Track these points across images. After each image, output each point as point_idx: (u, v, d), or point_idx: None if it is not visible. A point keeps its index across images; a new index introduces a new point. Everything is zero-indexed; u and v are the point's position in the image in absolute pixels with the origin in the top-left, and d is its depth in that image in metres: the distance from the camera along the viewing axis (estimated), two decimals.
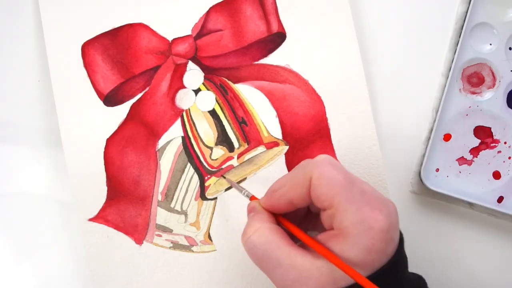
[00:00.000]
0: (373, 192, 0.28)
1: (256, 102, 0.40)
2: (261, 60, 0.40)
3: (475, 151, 0.39)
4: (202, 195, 0.39)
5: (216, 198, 0.40)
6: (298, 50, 0.40)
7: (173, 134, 0.40)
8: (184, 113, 0.40)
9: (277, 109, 0.40)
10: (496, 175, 0.39)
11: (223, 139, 0.39)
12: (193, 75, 0.40)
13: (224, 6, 0.40)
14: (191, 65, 0.40)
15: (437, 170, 0.39)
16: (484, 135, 0.39)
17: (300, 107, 0.40)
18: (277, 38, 0.40)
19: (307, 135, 0.40)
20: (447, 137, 0.39)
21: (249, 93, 0.40)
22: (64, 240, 0.41)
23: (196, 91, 0.40)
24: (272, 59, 0.40)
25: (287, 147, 0.40)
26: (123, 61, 0.40)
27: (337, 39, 0.40)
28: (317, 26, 0.40)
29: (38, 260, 0.41)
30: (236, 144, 0.39)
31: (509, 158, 0.39)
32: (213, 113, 0.40)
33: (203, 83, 0.40)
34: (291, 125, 0.40)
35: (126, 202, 0.39)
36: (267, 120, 0.40)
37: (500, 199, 0.39)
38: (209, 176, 0.39)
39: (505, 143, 0.39)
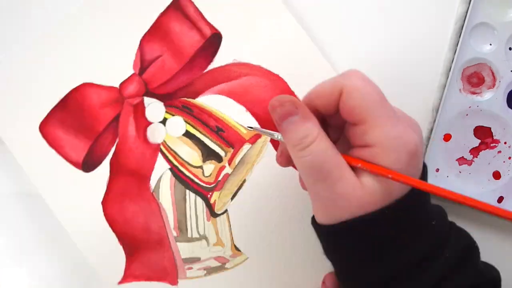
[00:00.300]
0: (401, 112, 0.29)
1: (222, 106, 0.40)
2: (209, 66, 0.40)
3: (475, 151, 0.39)
4: (213, 213, 0.39)
5: (226, 210, 0.39)
6: (238, 42, 0.40)
7: (160, 170, 0.40)
8: (162, 146, 0.40)
9: (244, 104, 0.40)
10: (496, 175, 0.39)
11: (208, 154, 0.39)
12: (154, 108, 0.40)
13: (152, 33, 0.40)
14: (147, 100, 0.40)
15: (437, 170, 0.39)
16: (484, 135, 0.39)
17: (264, 93, 0.40)
18: (214, 40, 0.40)
19: None
20: (447, 137, 0.39)
21: (212, 101, 0.40)
22: (64, 240, 0.40)
23: (163, 121, 0.40)
24: (218, 60, 0.40)
25: None
26: (83, 125, 0.39)
27: (269, 18, 0.40)
28: (246, 14, 0.40)
29: (38, 260, 0.41)
30: (222, 153, 0.39)
31: (509, 158, 0.38)
32: (188, 134, 0.40)
33: (166, 112, 0.40)
34: (263, 112, 0.40)
35: (146, 251, 0.39)
36: (240, 117, 0.40)
37: (500, 199, 0.39)
38: (210, 193, 0.39)
39: (505, 143, 0.38)
